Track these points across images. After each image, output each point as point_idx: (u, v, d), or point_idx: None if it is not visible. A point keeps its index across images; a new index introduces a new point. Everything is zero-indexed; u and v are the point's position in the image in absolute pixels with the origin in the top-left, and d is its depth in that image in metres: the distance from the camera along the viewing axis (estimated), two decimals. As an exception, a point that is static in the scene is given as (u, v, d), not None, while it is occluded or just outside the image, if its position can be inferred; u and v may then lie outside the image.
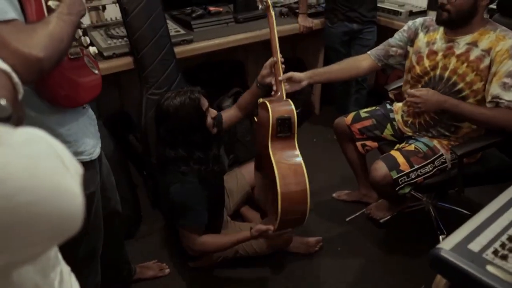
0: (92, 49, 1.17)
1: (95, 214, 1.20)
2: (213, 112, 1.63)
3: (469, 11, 1.51)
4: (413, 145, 1.73)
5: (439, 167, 1.70)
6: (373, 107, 2.00)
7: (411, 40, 1.76)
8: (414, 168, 1.65)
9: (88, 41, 1.14)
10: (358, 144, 1.97)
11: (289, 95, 2.95)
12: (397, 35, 1.82)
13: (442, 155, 1.71)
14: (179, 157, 1.54)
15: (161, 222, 2.14)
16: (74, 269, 1.20)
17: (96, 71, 1.16)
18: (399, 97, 2.00)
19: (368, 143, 1.97)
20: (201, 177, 1.57)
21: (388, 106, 1.97)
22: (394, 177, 1.63)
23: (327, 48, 2.78)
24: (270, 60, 1.65)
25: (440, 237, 1.93)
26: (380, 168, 1.66)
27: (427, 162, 1.67)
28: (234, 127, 2.61)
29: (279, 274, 1.85)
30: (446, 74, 1.62)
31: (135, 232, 2.07)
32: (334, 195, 2.33)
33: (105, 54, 1.92)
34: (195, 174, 1.55)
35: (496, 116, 1.51)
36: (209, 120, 1.59)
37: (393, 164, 1.65)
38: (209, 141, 1.62)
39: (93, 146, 1.14)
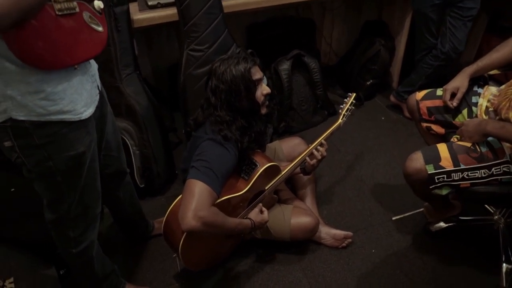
0: (97, 4, 1.08)
1: (87, 174, 1.16)
2: (265, 89, 1.49)
3: None
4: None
5: (498, 176, 1.33)
6: None
7: None
8: (459, 168, 1.35)
9: None
10: (423, 125, 1.67)
11: (364, 64, 2.60)
12: None
13: (508, 162, 1.31)
14: (223, 120, 1.43)
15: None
16: (65, 226, 1.22)
17: (100, 28, 1.07)
18: (503, 79, 1.57)
19: (434, 127, 1.64)
20: (240, 149, 1.45)
21: (477, 89, 1.56)
22: (429, 172, 1.36)
23: (415, 13, 2.31)
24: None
25: (504, 267, 1.55)
26: (416, 159, 1.40)
27: (480, 165, 1.34)
28: (290, 94, 2.39)
29: (296, 265, 1.68)
30: None
31: (166, 190, 2.06)
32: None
33: (149, 3, 1.81)
34: (236, 144, 1.44)
35: None
36: (258, 93, 1.47)
37: (433, 158, 1.38)
38: (255, 112, 1.50)
39: (84, 106, 1.07)
